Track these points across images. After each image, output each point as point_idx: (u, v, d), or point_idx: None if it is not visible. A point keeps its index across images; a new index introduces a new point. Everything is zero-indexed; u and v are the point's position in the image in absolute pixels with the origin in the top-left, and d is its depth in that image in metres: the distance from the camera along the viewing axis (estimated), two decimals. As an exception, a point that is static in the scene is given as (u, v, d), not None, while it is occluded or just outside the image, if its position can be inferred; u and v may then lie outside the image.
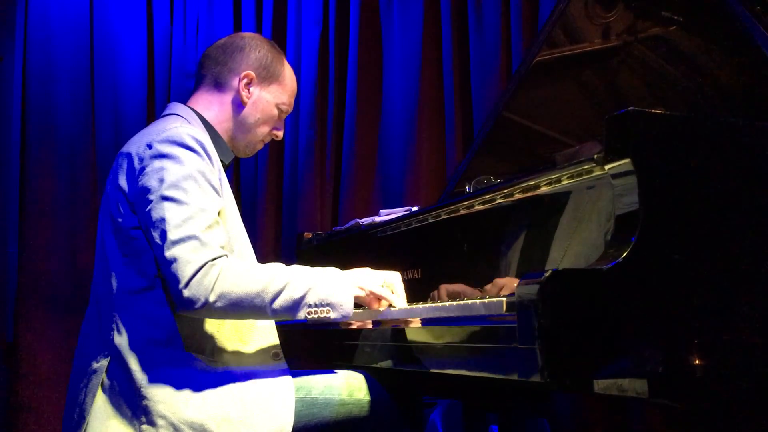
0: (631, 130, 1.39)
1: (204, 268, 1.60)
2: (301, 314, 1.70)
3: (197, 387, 1.67)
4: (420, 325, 1.69)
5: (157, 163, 1.69)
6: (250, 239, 1.90)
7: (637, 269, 1.33)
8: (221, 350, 1.75)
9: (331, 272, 1.77)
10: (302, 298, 1.70)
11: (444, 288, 1.97)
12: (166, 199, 1.66)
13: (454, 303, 1.57)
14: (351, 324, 1.98)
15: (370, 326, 1.92)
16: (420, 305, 1.75)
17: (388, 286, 1.84)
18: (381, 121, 3.59)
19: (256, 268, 1.70)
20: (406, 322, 1.75)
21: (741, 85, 1.85)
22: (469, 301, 1.51)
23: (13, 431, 3.42)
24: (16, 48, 3.61)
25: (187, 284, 1.59)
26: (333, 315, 1.72)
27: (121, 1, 3.82)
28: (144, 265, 1.71)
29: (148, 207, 1.67)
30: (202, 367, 1.70)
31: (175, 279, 1.60)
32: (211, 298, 1.60)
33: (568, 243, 1.61)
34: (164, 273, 1.64)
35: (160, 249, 1.63)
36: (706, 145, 1.47)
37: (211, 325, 1.75)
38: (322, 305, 1.71)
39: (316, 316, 1.70)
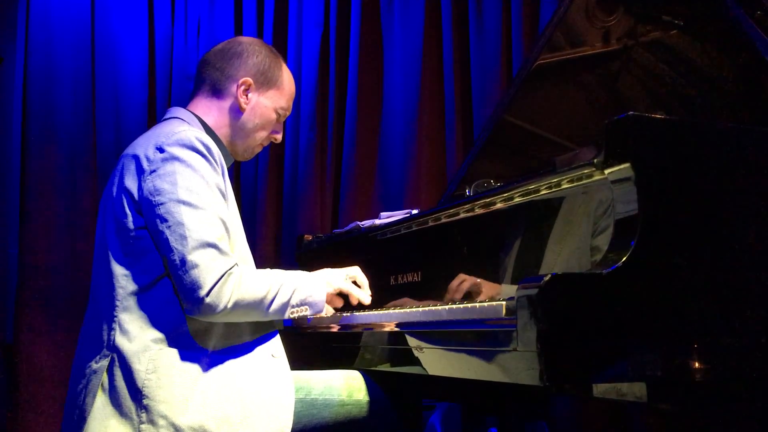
0: (630, 134, 1.40)
1: (224, 277, 1.68)
2: (287, 314, 1.82)
3: (198, 387, 1.67)
4: (420, 329, 1.69)
5: (169, 166, 1.71)
6: (249, 241, 1.92)
7: (636, 273, 1.33)
8: (222, 351, 1.76)
9: (304, 275, 1.89)
10: (289, 300, 1.81)
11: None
12: (181, 203, 1.68)
13: (454, 306, 1.57)
14: (350, 327, 1.98)
15: (369, 329, 1.93)
16: (420, 308, 1.75)
17: (351, 277, 1.99)
18: (381, 123, 3.59)
19: (259, 275, 1.78)
20: (406, 325, 1.75)
21: (741, 90, 1.85)
22: (469, 305, 1.52)
23: (12, 432, 3.42)
24: (17, 49, 3.61)
25: (209, 292, 1.65)
26: (309, 313, 1.85)
27: (122, 2, 3.82)
28: (147, 266, 1.71)
29: (161, 209, 1.68)
30: (203, 368, 1.70)
31: (196, 285, 1.65)
32: (229, 306, 1.68)
33: (565, 246, 1.61)
34: (180, 277, 1.66)
35: (178, 253, 1.66)
36: (706, 150, 1.47)
37: (212, 327, 1.75)
38: (302, 305, 1.84)
39: (296, 315, 1.83)
